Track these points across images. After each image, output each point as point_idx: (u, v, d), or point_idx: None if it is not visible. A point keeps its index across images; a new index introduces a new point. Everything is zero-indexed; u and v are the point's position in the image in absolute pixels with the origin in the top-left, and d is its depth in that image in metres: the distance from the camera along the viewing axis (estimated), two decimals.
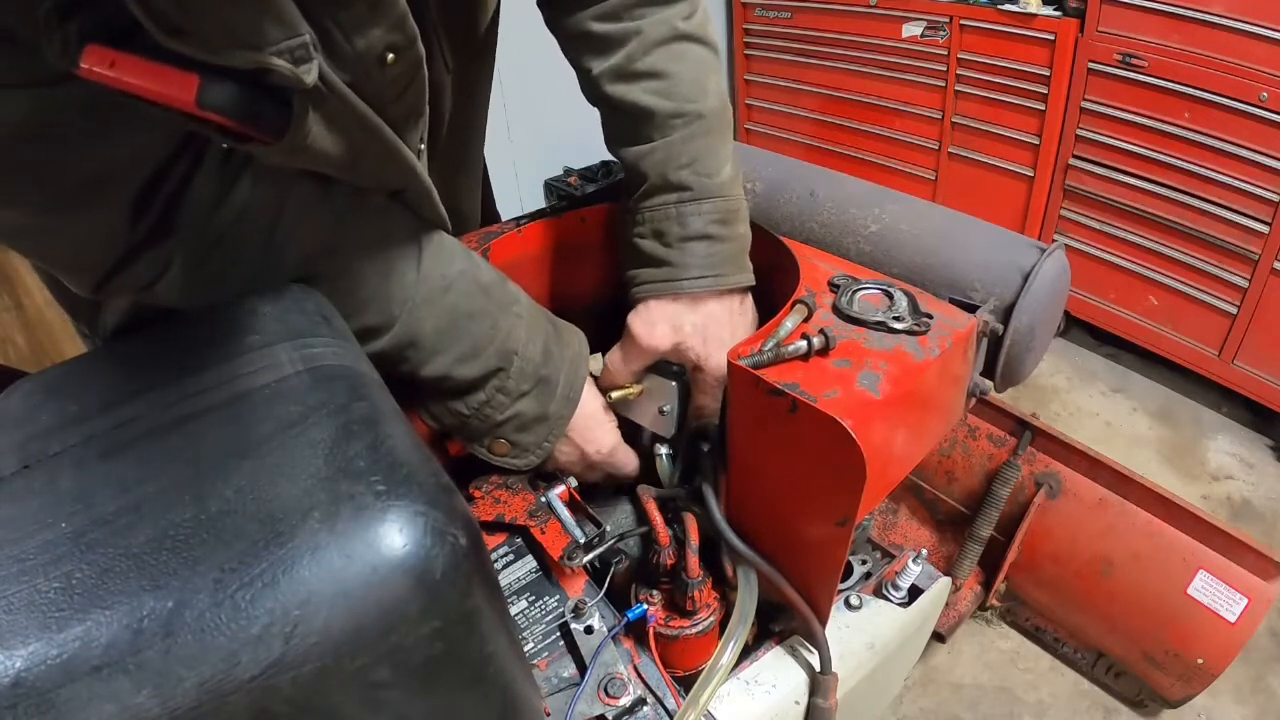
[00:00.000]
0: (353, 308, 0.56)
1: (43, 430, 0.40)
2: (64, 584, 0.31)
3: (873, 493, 0.54)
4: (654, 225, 0.67)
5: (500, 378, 0.63)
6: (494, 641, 0.39)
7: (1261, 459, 1.95)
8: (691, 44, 0.67)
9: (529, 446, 0.67)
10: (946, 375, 0.63)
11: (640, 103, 0.66)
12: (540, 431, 0.66)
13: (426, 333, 0.59)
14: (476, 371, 0.62)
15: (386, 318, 0.57)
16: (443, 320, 0.60)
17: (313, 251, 0.55)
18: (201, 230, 0.50)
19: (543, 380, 0.65)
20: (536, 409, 0.65)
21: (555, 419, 0.66)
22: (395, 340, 0.58)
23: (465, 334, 0.61)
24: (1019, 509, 1.02)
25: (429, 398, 0.65)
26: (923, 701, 1.47)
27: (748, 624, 0.62)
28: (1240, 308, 1.85)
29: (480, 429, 0.65)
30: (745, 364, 0.56)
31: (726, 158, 0.68)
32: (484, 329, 0.62)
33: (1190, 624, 0.90)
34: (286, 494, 0.34)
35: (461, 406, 0.64)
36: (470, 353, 0.61)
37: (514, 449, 0.66)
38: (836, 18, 2.42)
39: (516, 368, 0.63)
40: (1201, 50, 1.71)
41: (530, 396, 0.65)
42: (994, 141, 2.20)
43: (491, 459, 0.67)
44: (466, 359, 0.61)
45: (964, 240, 0.73)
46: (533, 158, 2.59)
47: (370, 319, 0.57)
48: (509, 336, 0.63)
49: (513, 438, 0.66)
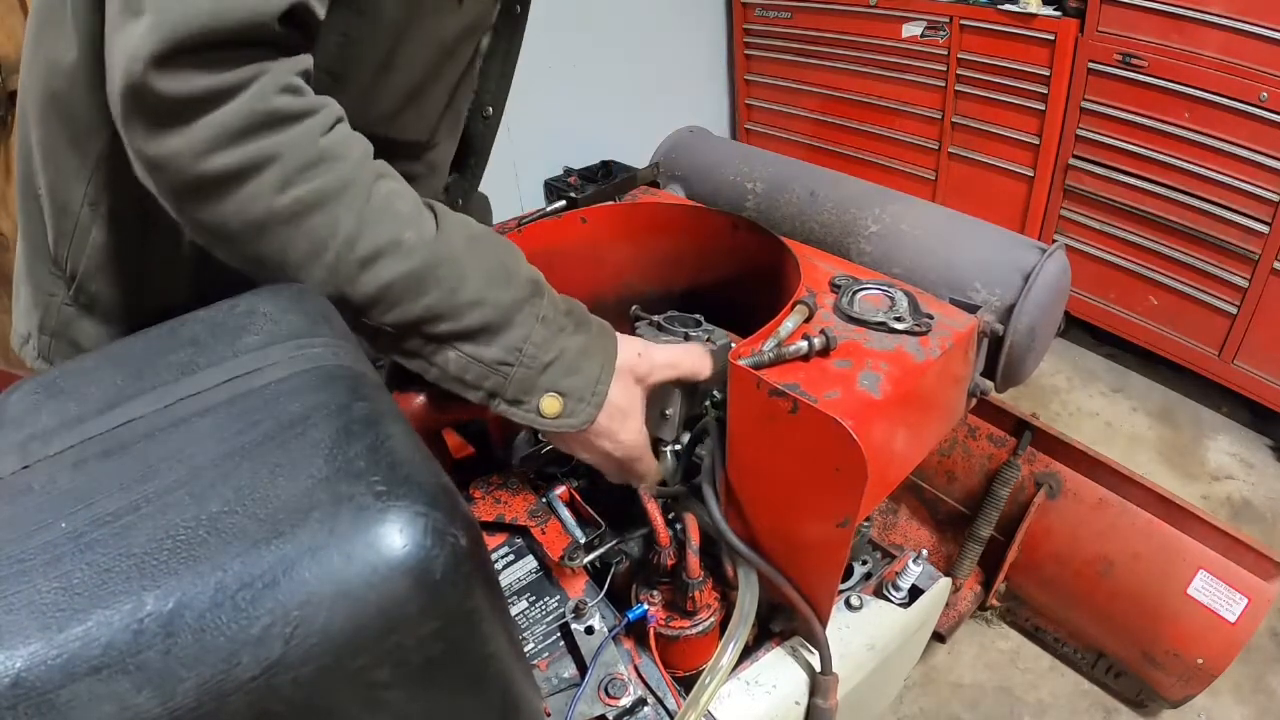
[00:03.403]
0: (388, 216, 0.55)
1: (43, 430, 0.40)
2: (64, 584, 0.31)
3: (873, 493, 0.54)
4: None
5: (536, 305, 0.60)
6: (494, 642, 0.39)
7: (1261, 459, 1.95)
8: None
9: (582, 394, 0.61)
10: (947, 376, 0.63)
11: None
12: (590, 370, 0.61)
13: (458, 248, 0.57)
14: (514, 295, 0.59)
15: (418, 231, 0.56)
16: (470, 239, 0.59)
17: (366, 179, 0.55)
18: (314, 141, 0.52)
19: (575, 314, 0.63)
20: (581, 343, 0.62)
21: (602, 353, 0.62)
22: (430, 255, 0.56)
23: (492, 252, 0.60)
24: (1019, 509, 1.02)
25: (469, 359, 0.59)
26: (923, 701, 1.47)
27: (748, 624, 0.62)
28: (1240, 308, 1.85)
29: (527, 378, 0.60)
30: (746, 364, 0.56)
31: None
32: (508, 253, 0.61)
33: (1190, 624, 0.90)
34: (286, 494, 0.34)
35: (502, 352, 0.59)
36: (501, 271, 0.59)
37: (566, 402, 0.61)
38: (836, 18, 2.42)
39: (549, 298, 0.61)
40: (1201, 50, 1.71)
41: (569, 331, 0.61)
42: (994, 141, 2.20)
43: (543, 424, 0.61)
44: (499, 279, 0.59)
45: (964, 241, 0.73)
46: (533, 158, 2.60)
47: (404, 231, 0.55)
48: (533, 269, 0.62)
49: (563, 385, 0.61)
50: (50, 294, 0.71)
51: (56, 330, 0.71)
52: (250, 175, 0.50)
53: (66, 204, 0.66)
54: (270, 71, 0.49)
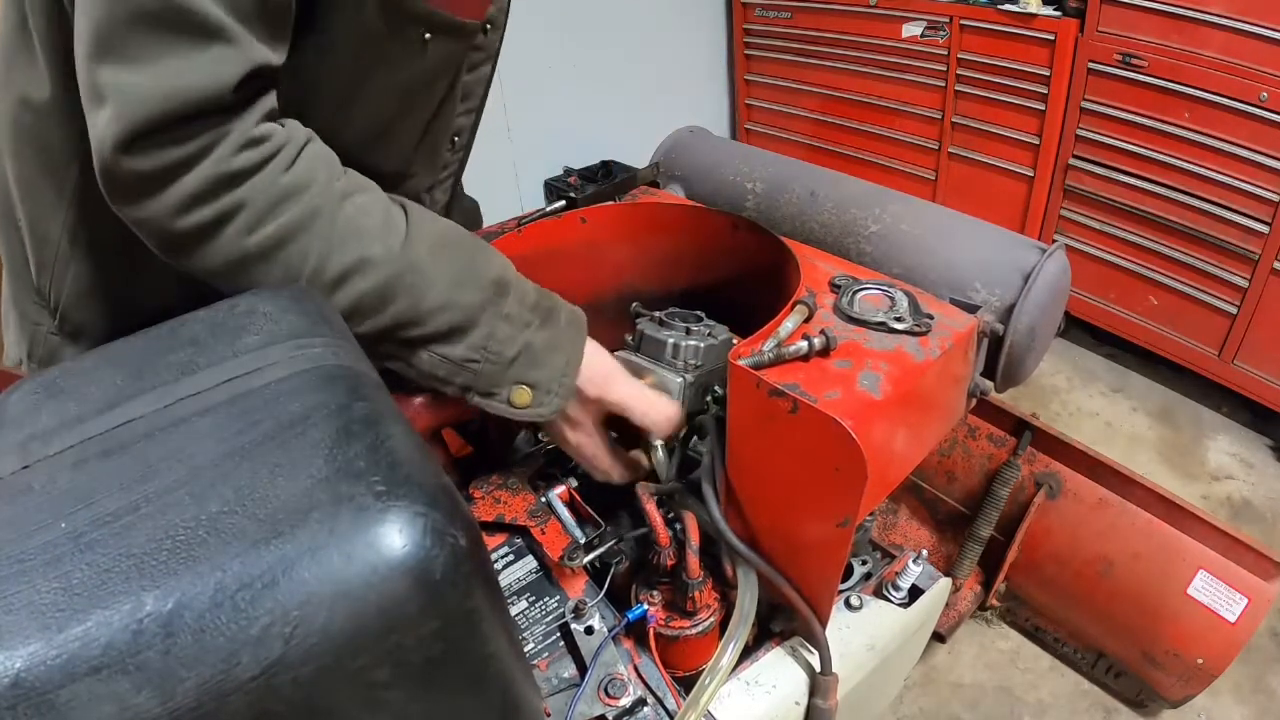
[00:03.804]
0: (352, 235, 0.58)
1: (43, 430, 0.40)
2: (64, 584, 0.31)
3: (873, 493, 0.54)
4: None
5: (500, 303, 0.63)
6: (494, 642, 0.39)
7: (1261, 459, 1.95)
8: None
9: (549, 385, 0.65)
10: (947, 376, 0.63)
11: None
12: (555, 363, 0.65)
13: (422, 256, 0.60)
14: (477, 296, 0.62)
15: (385, 248, 0.59)
16: (436, 245, 0.62)
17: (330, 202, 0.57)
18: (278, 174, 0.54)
19: (545, 310, 0.65)
20: (546, 337, 0.65)
21: (568, 345, 0.66)
22: (396, 267, 0.59)
23: (458, 255, 0.62)
24: (1019, 509, 1.02)
25: (436, 356, 0.63)
26: (923, 701, 1.47)
27: (748, 624, 0.62)
28: (1240, 308, 1.85)
29: (493, 373, 0.63)
30: (746, 364, 0.56)
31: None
32: (474, 254, 0.63)
33: (1190, 624, 0.90)
34: (286, 494, 0.34)
35: (468, 350, 0.62)
36: (466, 274, 0.62)
37: (535, 393, 0.65)
38: (836, 18, 2.42)
39: (515, 294, 0.64)
40: (1201, 50, 1.71)
41: (535, 327, 0.64)
42: (994, 141, 2.20)
43: (516, 414, 0.65)
44: (464, 283, 0.62)
45: (964, 240, 0.73)
46: (533, 158, 2.60)
47: (371, 248, 0.58)
48: (503, 267, 0.64)
49: (530, 377, 0.64)
50: (35, 323, 0.72)
51: (44, 359, 0.72)
52: (222, 226, 0.54)
53: (46, 235, 0.67)
54: (230, 134, 0.52)
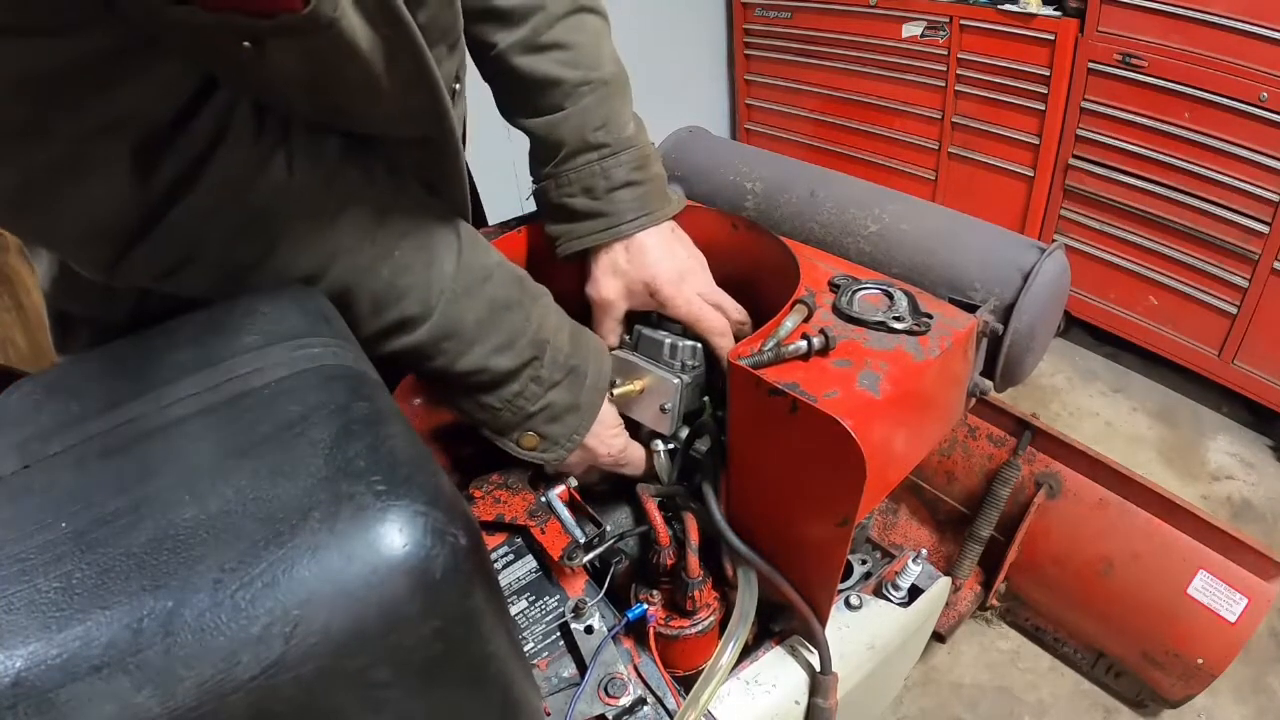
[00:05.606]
0: (393, 297, 0.56)
1: (43, 430, 0.40)
2: (64, 584, 0.31)
3: (873, 493, 0.54)
4: (582, 184, 0.72)
5: (535, 367, 0.63)
6: (494, 641, 0.39)
7: (1261, 459, 1.95)
8: (588, 15, 0.73)
9: (559, 439, 0.66)
10: (946, 375, 0.63)
11: (550, 74, 0.71)
12: (571, 422, 0.66)
13: (467, 324, 0.59)
14: (512, 363, 0.62)
15: (425, 308, 0.57)
16: (482, 311, 0.60)
17: (356, 241, 0.54)
18: (235, 204, 0.48)
19: (573, 370, 0.66)
20: (568, 399, 0.65)
21: (586, 408, 0.67)
22: (433, 332, 0.58)
23: (503, 324, 0.61)
24: (1019, 509, 1.02)
25: (458, 393, 0.64)
26: (923, 701, 1.47)
27: (748, 624, 0.62)
28: (1240, 308, 1.85)
29: (511, 421, 0.64)
30: (745, 364, 0.56)
31: (630, 115, 0.75)
32: (519, 319, 0.62)
33: (1190, 624, 0.90)
34: (286, 494, 0.34)
35: (494, 399, 0.63)
36: (507, 343, 0.61)
37: (543, 442, 0.66)
38: (836, 18, 2.42)
39: (549, 357, 0.64)
40: (1201, 50, 1.71)
41: (562, 386, 0.65)
42: (994, 141, 2.20)
43: (519, 453, 0.66)
44: (503, 349, 0.61)
45: (964, 240, 0.73)
46: None
47: (410, 308, 0.57)
48: (541, 326, 0.64)
49: (543, 429, 0.65)
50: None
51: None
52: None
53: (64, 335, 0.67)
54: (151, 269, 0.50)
